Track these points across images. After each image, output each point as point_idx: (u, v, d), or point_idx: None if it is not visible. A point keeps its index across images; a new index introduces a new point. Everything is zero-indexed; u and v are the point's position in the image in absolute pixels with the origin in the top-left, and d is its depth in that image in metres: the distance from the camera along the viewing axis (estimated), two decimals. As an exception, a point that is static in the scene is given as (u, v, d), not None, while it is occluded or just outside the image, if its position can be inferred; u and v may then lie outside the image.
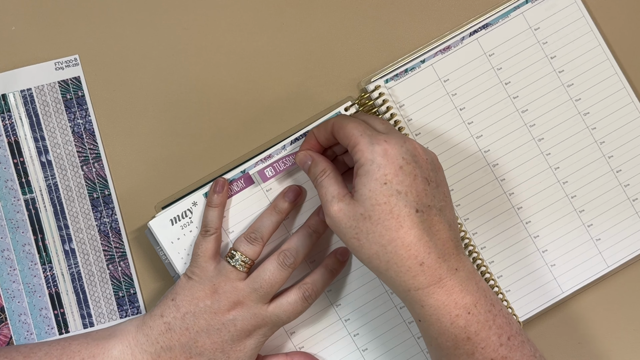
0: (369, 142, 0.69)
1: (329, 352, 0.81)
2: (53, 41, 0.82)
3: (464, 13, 0.82)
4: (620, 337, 0.83)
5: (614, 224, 0.82)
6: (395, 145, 0.68)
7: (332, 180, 0.72)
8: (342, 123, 0.72)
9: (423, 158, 0.69)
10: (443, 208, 0.69)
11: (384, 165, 0.67)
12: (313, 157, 0.75)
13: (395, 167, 0.67)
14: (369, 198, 0.68)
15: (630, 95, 0.81)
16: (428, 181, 0.69)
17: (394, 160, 0.68)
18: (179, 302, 0.74)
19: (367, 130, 0.70)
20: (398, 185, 0.67)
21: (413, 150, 0.69)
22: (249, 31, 0.83)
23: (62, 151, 0.81)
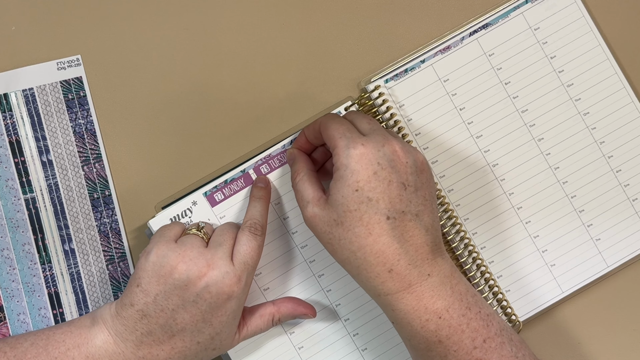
0: (345, 145, 0.69)
1: (328, 352, 0.81)
2: (55, 41, 0.82)
3: (464, 13, 0.83)
4: (620, 337, 0.82)
5: (614, 223, 0.82)
6: (372, 150, 0.68)
7: (307, 184, 0.73)
8: (326, 123, 0.72)
9: (402, 162, 0.69)
10: (420, 212, 0.69)
11: (357, 171, 0.68)
12: (296, 156, 0.77)
13: (369, 173, 0.68)
14: (341, 204, 0.68)
15: (630, 95, 0.81)
16: (405, 186, 0.68)
17: (368, 166, 0.68)
18: (145, 286, 0.72)
19: (347, 132, 0.70)
20: (369, 192, 0.67)
21: (391, 154, 0.68)
22: (249, 31, 0.83)
23: (63, 151, 0.82)
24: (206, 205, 0.79)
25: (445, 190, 0.81)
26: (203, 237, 0.74)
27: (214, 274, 0.71)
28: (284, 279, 0.80)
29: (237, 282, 0.71)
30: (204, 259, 0.71)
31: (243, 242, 0.73)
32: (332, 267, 0.80)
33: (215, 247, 0.73)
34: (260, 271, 0.79)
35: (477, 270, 0.80)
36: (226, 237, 0.74)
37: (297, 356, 0.80)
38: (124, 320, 0.72)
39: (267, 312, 0.78)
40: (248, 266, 0.73)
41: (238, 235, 0.74)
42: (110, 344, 0.72)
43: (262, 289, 0.80)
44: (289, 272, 0.80)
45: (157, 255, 0.72)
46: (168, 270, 0.71)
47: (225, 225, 0.76)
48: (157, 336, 0.72)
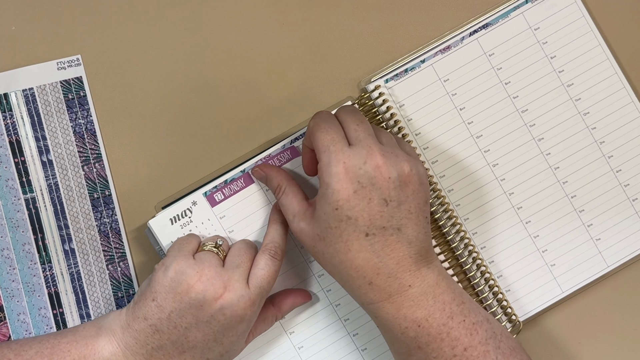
0: (327, 162, 0.69)
1: (328, 351, 0.81)
2: (55, 41, 0.82)
3: (464, 13, 0.83)
4: (620, 337, 0.82)
5: (614, 223, 0.82)
6: (354, 168, 0.68)
7: (290, 197, 0.74)
8: (312, 130, 0.72)
9: (384, 177, 0.69)
10: (403, 226, 0.69)
11: (337, 190, 0.68)
12: (266, 172, 0.78)
13: (349, 192, 0.68)
14: (323, 221, 0.70)
15: (630, 95, 0.81)
16: (387, 202, 0.69)
17: (347, 186, 0.68)
18: (161, 301, 0.72)
19: (331, 145, 0.70)
20: (348, 211, 0.68)
21: (373, 170, 0.68)
22: (249, 31, 0.83)
23: (63, 151, 0.82)
24: (206, 205, 0.79)
25: (445, 190, 0.81)
26: (220, 255, 0.74)
27: (230, 297, 0.71)
28: (284, 279, 0.80)
29: (251, 306, 0.72)
30: (220, 280, 0.71)
31: (261, 266, 0.74)
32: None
33: (233, 268, 0.73)
34: (260, 271, 0.80)
35: (477, 270, 0.80)
36: (244, 259, 0.74)
37: (297, 356, 0.80)
38: (135, 334, 0.72)
39: (270, 314, 0.78)
40: (263, 290, 0.73)
41: (257, 257, 0.75)
42: (119, 357, 0.72)
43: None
44: (289, 272, 0.80)
45: (176, 272, 0.72)
46: (185, 288, 0.71)
47: (242, 245, 0.76)
48: (167, 351, 0.72)
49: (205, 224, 0.79)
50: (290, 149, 0.79)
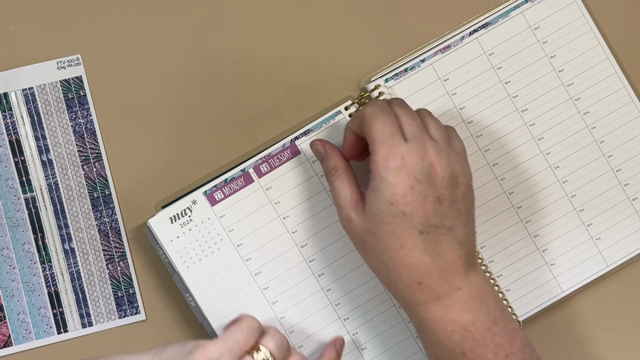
0: (385, 155, 0.68)
1: (328, 351, 0.81)
2: (55, 40, 0.82)
3: (463, 13, 0.83)
4: (620, 337, 0.82)
5: (614, 223, 0.82)
6: (411, 162, 0.67)
7: (344, 183, 0.72)
8: (369, 120, 0.70)
9: (439, 176, 0.68)
10: (454, 226, 0.69)
11: (394, 184, 0.67)
12: (326, 150, 0.76)
13: (405, 187, 0.67)
14: (376, 215, 0.68)
15: (630, 94, 0.81)
16: (440, 200, 0.68)
17: (405, 181, 0.67)
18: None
19: (389, 138, 0.68)
20: (405, 206, 0.67)
21: (429, 167, 0.68)
22: (249, 31, 0.83)
23: (63, 150, 0.82)
24: (206, 204, 0.79)
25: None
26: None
27: None
28: (284, 278, 0.80)
29: None
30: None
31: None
32: (332, 266, 0.80)
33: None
34: (260, 270, 0.79)
35: (483, 275, 0.80)
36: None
37: None
38: None
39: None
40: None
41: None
42: None
43: (261, 288, 0.80)
44: (289, 272, 0.80)
45: None
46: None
47: None
48: None
49: (205, 222, 0.79)
50: (291, 147, 0.79)
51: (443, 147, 0.70)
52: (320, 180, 0.79)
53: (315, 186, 0.79)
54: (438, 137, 0.71)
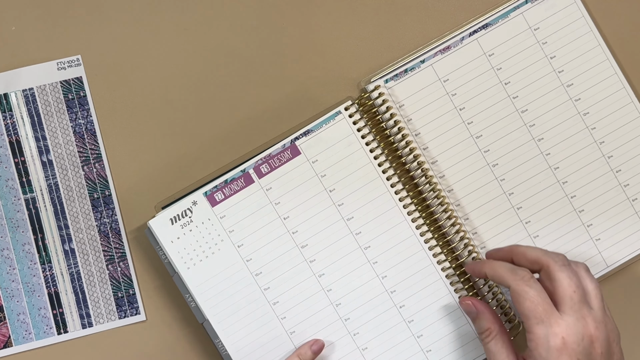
0: (544, 335, 0.67)
1: (328, 351, 0.81)
2: (55, 41, 0.82)
3: (463, 13, 0.83)
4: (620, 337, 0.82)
5: (614, 224, 0.82)
6: (573, 344, 0.67)
7: (499, 346, 0.72)
8: (518, 298, 0.69)
9: (597, 352, 0.67)
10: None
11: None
12: (478, 310, 0.75)
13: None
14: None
15: (630, 95, 0.81)
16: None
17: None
18: None
19: (544, 317, 0.67)
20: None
21: (589, 344, 0.67)
22: (249, 31, 0.83)
23: (63, 151, 0.82)
24: (206, 205, 0.79)
25: (445, 191, 0.81)
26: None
27: None
28: (285, 279, 0.80)
29: None
30: None
31: None
32: (332, 267, 0.80)
33: None
34: (260, 271, 0.79)
35: (478, 271, 0.80)
36: None
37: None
38: None
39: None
40: None
41: None
42: None
43: (262, 289, 0.80)
44: (289, 272, 0.80)
45: None
46: None
47: None
48: None
49: (206, 223, 0.79)
50: (291, 148, 0.79)
51: (601, 317, 0.69)
52: (320, 180, 0.80)
53: (316, 186, 0.79)
54: (596, 304, 0.70)
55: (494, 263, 0.73)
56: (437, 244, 0.80)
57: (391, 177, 0.80)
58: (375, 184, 0.80)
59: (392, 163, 0.80)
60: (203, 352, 0.82)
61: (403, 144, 0.80)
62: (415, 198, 0.80)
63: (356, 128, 0.79)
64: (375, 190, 0.80)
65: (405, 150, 0.80)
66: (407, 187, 0.80)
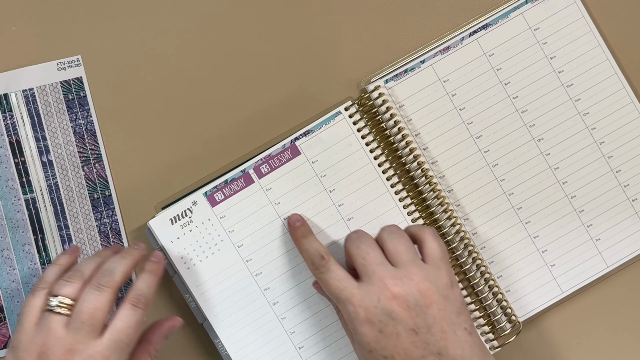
0: (346, 311, 0.69)
1: (328, 352, 0.81)
2: (56, 42, 0.82)
3: (463, 13, 0.83)
4: (620, 337, 0.82)
5: (614, 224, 0.82)
6: (370, 308, 0.68)
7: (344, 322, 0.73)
8: (321, 280, 0.72)
9: (402, 308, 0.67)
10: (443, 348, 0.67)
11: (364, 334, 0.68)
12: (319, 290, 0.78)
13: (375, 333, 0.67)
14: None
15: (630, 95, 0.81)
16: (415, 331, 0.67)
17: (371, 327, 0.67)
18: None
19: (340, 293, 0.69)
20: (382, 350, 0.67)
21: (388, 306, 0.67)
22: (249, 31, 0.83)
23: (63, 151, 0.82)
24: (206, 205, 0.79)
25: (445, 191, 0.81)
26: (63, 313, 0.68)
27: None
28: (284, 279, 0.80)
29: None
30: (61, 347, 0.66)
31: (121, 317, 0.69)
32: (332, 267, 0.80)
33: (76, 328, 0.67)
34: (260, 271, 0.80)
35: (477, 271, 0.80)
36: (93, 310, 0.68)
37: (298, 356, 0.80)
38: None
39: (142, 355, 0.73)
40: (121, 343, 0.68)
41: (119, 307, 0.70)
42: None
43: (262, 289, 0.80)
44: (289, 273, 0.80)
45: (16, 349, 0.67)
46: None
47: (92, 295, 0.69)
48: None
49: (206, 224, 0.79)
50: (291, 148, 0.79)
51: (403, 272, 0.69)
52: (321, 180, 0.80)
53: (316, 187, 0.79)
54: (399, 259, 0.70)
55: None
56: (437, 244, 0.80)
57: (391, 177, 0.80)
58: (375, 184, 0.80)
59: (392, 163, 0.80)
60: (203, 353, 0.82)
61: (403, 144, 0.80)
62: (415, 198, 0.80)
63: (356, 128, 0.79)
64: (375, 190, 0.80)
65: (405, 151, 0.80)
66: (407, 187, 0.80)
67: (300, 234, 0.76)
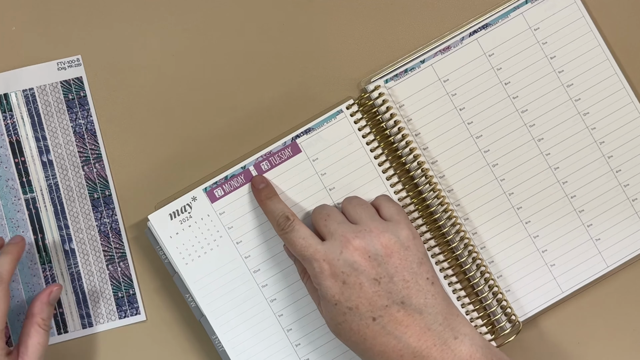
0: (311, 267, 0.71)
1: (325, 349, 0.80)
2: (56, 41, 0.82)
3: (463, 13, 0.83)
4: (620, 337, 0.82)
5: (614, 224, 0.82)
6: (332, 260, 0.70)
7: (311, 285, 0.75)
8: (286, 240, 0.74)
9: (364, 259, 0.69)
10: (406, 297, 0.69)
11: (329, 287, 0.70)
12: (292, 255, 0.78)
13: (339, 285, 0.69)
14: (331, 319, 0.71)
15: (630, 95, 0.81)
16: (378, 281, 0.69)
17: (335, 280, 0.69)
18: None
19: (304, 250, 0.71)
20: (346, 302, 0.69)
21: (350, 257, 0.69)
22: (249, 31, 0.83)
23: (64, 151, 0.82)
24: (206, 201, 0.79)
25: (445, 191, 0.81)
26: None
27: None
28: (282, 276, 0.80)
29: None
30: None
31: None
32: (332, 266, 0.80)
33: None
34: (259, 268, 0.79)
35: (477, 270, 0.80)
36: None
37: (294, 353, 0.80)
38: None
39: (31, 327, 0.76)
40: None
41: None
42: None
43: (260, 286, 0.80)
44: (288, 269, 0.80)
45: None
46: None
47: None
48: None
49: (205, 219, 0.79)
50: (292, 145, 0.79)
51: (362, 226, 0.71)
52: (320, 179, 0.80)
53: (316, 185, 0.79)
54: (358, 218, 0.73)
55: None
56: (436, 244, 0.80)
57: (391, 177, 0.80)
58: (375, 183, 0.80)
59: (392, 163, 0.80)
60: (203, 353, 0.82)
61: (403, 144, 0.80)
62: (415, 198, 0.80)
63: (357, 127, 0.79)
64: (375, 189, 0.80)
65: (405, 150, 0.80)
66: (407, 187, 0.80)
67: (265, 196, 0.77)
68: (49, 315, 0.77)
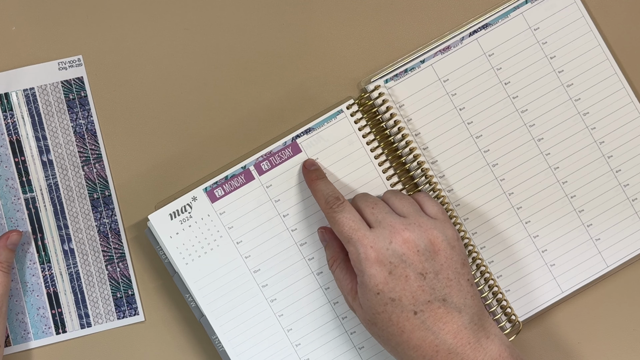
0: (355, 251, 0.70)
1: (325, 349, 0.80)
2: (57, 41, 0.82)
3: (463, 13, 0.83)
4: (620, 337, 0.82)
5: (614, 223, 0.82)
6: (381, 250, 0.69)
7: (343, 273, 0.75)
8: (333, 226, 0.74)
9: (413, 252, 0.70)
10: (447, 295, 0.69)
11: (373, 275, 0.69)
12: (326, 240, 0.78)
13: (384, 274, 0.69)
14: (369, 307, 0.70)
15: (630, 95, 0.81)
16: (424, 275, 0.69)
17: (381, 269, 0.69)
18: None
19: (353, 233, 0.71)
20: (390, 293, 0.69)
21: (400, 247, 0.69)
22: (249, 31, 0.83)
23: (64, 151, 0.82)
24: (206, 200, 0.79)
25: (446, 190, 0.81)
26: None
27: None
28: (283, 276, 0.80)
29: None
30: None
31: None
32: (331, 265, 0.80)
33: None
34: (259, 268, 0.79)
35: (477, 270, 0.80)
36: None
37: (295, 353, 0.80)
38: None
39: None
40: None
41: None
42: None
43: (260, 286, 0.80)
44: (288, 270, 0.80)
45: None
46: None
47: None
48: None
49: (205, 219, 0.79)
50: (292, 145, 0.79)
51: (412, 220, 0.72)
52: (320, 178, 0.80)
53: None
54: (406, 211, 0.73)
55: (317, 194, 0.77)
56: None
57: (391, 176, 0.80)
58: (375, 183, 0.80)
59: (392, 163, 0.80)
60: (203, 353, 0.82)
61: (403, 144, 0.80)
62: (415, 198, 0.80)
63: (357, 127, 0.80)
64: (375, 189, 0.80)
65: (405, 150, 0.80)
66: (407, 186, 0.80)
67: (316, 176, 0.78)
68: (7, 258, 0.79)
